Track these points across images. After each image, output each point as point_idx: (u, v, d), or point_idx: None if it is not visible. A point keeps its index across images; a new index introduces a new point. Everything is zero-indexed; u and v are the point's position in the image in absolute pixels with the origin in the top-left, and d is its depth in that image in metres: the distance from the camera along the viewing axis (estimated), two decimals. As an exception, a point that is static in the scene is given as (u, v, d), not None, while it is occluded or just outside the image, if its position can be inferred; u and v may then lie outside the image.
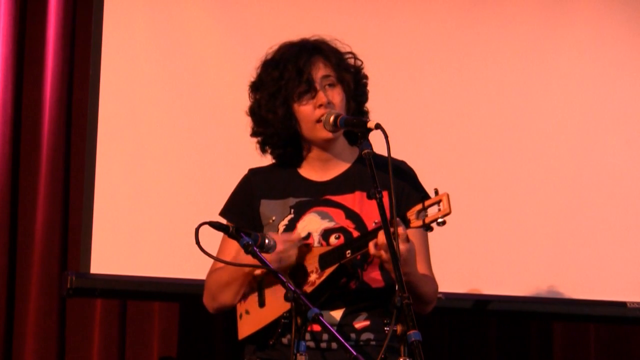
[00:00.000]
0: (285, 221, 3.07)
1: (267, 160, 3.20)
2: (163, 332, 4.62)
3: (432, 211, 2.80)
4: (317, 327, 2.90)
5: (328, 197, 3.08)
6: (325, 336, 2.96)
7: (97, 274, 4.15)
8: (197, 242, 2.80)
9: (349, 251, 2.91)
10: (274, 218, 3.09)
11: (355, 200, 3.07)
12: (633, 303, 4.39)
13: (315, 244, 3.02)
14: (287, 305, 2.88)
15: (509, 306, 4.39)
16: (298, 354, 2.64)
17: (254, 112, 3.13)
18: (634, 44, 4.58)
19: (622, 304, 4.39)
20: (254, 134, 3.15)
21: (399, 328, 2.58)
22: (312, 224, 3.05)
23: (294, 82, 3.03)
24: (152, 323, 4.62)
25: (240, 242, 2.83)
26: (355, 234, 3.00)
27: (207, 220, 2.87)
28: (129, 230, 4.23)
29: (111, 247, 4.19)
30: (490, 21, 4.52)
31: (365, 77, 3.17)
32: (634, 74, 4.57)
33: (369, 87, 3.18)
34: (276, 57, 3.10)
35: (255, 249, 2.80)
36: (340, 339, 2.65)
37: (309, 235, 3.04)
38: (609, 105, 4.55)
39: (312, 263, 2.96)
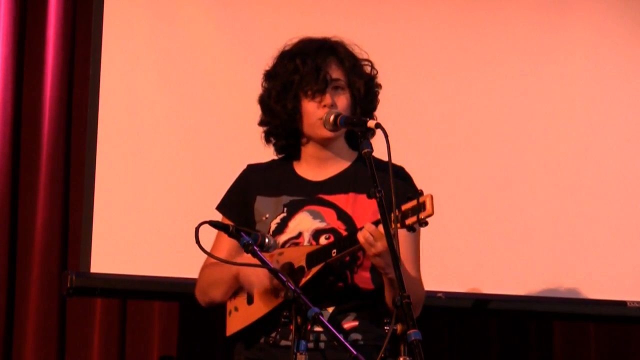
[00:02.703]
0: (278, 219, 3.08)
1: (270, 154, 3.21)
2: (163, 332, 4.61)
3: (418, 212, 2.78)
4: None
5: (321, 196, 3.09)
6: (322, 336, 2.98)
7: (97, 273, 4.15)
8: (197, 242, 2.81)
9: (334, 250, 2.91)
10: (267, 215, 3.10)
11: (349, 201, 3.07)
12: (633, 302, 4.39)
13: (305, 243, 3.03)
14: (274, 303, 2.92)
15: (509, 306, 4.39)
16: (298, 354, 2.64)
17: (263, 101, 3.15)
18: (634, 45, 4.58)
19: (622, 304, 4.39)
20: (261, 123, 3.17)
21: (398, 327, 2.58)
22: (303, 223, 3.06)
23: (309, 78, 3.04)
24: (152, 323, 4.62)
25: (240, 242, 2.83)
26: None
27: (207, 219, 2.88)
28: (129, 229, 4.23)
29: (111, 247, 4.19)
30: (490, 23, 4.52)
31: (378, 85, 3.17)
32: (634, 74, 4.57)
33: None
34: (294, 50, 3.11)
35: (255, 248, 2.80)
36: (341, 338, 2.65)
37: (299, 234, 3.05)
38: (608, 105, 4.55)
39: (300, 262, 2.97)
